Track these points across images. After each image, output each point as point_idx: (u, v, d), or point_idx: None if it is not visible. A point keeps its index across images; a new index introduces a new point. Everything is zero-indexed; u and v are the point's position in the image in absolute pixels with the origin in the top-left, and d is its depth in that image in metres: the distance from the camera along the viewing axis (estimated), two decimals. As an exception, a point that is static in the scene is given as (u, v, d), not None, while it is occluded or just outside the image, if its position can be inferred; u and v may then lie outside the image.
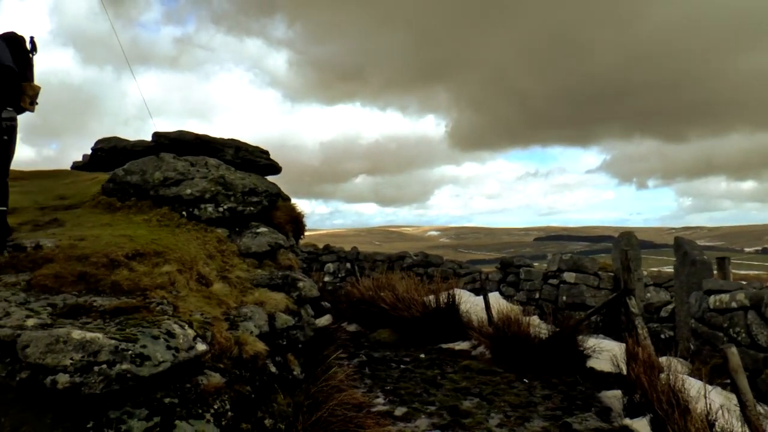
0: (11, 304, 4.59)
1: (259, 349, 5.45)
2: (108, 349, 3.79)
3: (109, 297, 5.19)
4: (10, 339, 3.88)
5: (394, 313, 12.80)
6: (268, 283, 7.30)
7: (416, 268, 24.37)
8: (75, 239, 6.39)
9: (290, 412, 5.43)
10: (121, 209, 8.73)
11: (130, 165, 9.63)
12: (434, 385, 8.97)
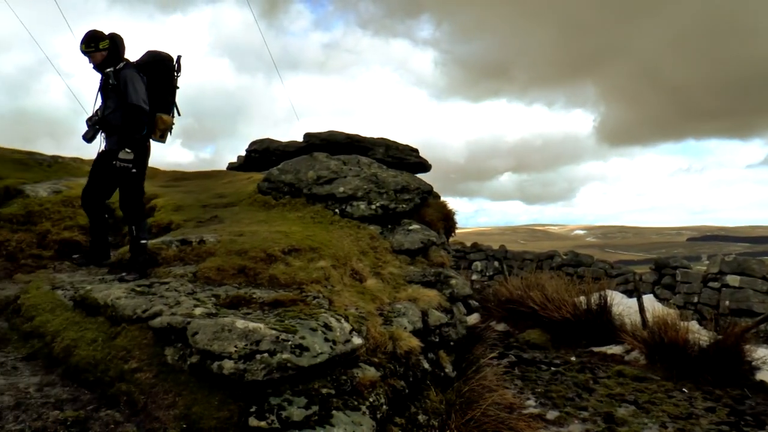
0: (181, 294, 5.24)
1: (413, 345, 5.66)
2: (269, 339, 4.17)
3: (267, 290, 5.69)
4: (181, 326, 4.43)
5: (544, 314, 12.81)
6: (420, 280, 7.61)
7: (565, 267, 24.38)
8: (234, 235, 7.09)
9: (443, 410, 5.58)
10: (276, 207, 9.51)
11: (284, 164, 10.48)
12: (586, 390, 8.92)
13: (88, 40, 5.86)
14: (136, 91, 5.94)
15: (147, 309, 4.84)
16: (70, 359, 4.61)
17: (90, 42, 5.86)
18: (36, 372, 4.64)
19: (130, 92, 5.90)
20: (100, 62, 5.97)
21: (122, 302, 5.03)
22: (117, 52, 6.03)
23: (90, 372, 4.39)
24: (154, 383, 4.12)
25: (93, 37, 5.87)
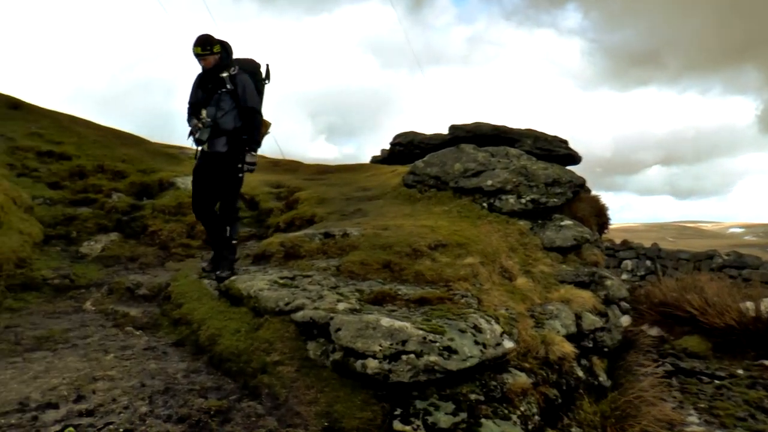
0: (324, 288, 5.38)
1: (567, 350, 5.52)
2: (416, 339, 4.15)
3: (412, 286, 5.69)
4: (324, 321, 4.54)
5: (703, 320, 11.84)
6: (573, 279, 7.47)
7: (727, 269, 22.54)
8: (378, 228, 7.18)
9: (597, 422, 5.33)
10: (421, 200, 9.55)
11: (429, 157, 10.53)
12: (762, 410, 8.03)
13: (204, 42, 6.15)
14: (253, 95, 6.35)
15: (289, 302, 5.02)
16: (215, 348, 4.89)
17: (206, 45, 6.15)
18: (183, 358, 4.99)
19: (248, 96, 6.28)
20: (211, 66, 6.24)
21: (265, 294, 5.26)
22: (228, 57, 6.36)
23: (233, 362, 4.63)
24: (295, 377, 4.25)
25: (207, 40, 6.16)
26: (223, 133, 6.29)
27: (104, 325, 5.91)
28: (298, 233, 7.28)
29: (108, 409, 3.88)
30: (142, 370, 4.61)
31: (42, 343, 5.32)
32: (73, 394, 4.10)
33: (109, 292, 6.82)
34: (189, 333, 5.40)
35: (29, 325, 5.78)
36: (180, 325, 5.64)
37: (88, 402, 3.98)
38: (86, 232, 8.82)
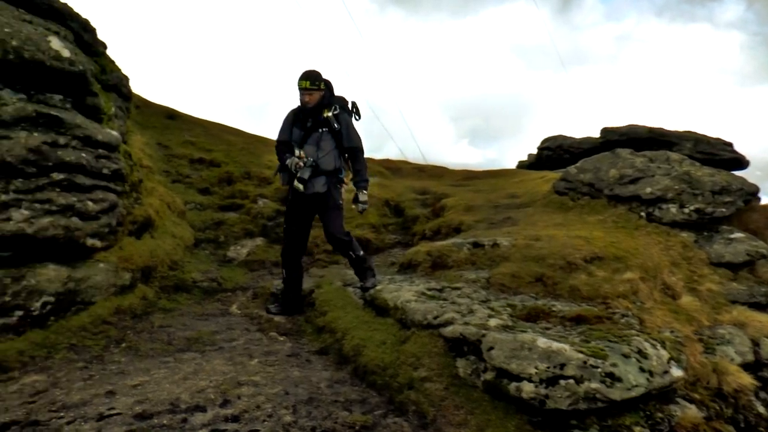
0: (473, 302, 5.21)
1: (744, 381, 5.04)
2: (575, 363, 3.87)
3: (567, 302, 5.38)
4: (475, 338, 4.37)
5: None
6: (747, 300, 6.95)
7: None
8: (529, 239, 6.90)
9: None
10: (574, 208, 9.13)
11: (582, 162, 10.07)
12: None
13: (312, 77, 6.14)
14: (356, 134, 6.35)
15: (438, 315, 4.90)
16: (359, 359, 4.86)
17: (314, 80, 6.13)
18: (327, 367, 5.00)
19: (352, 135, 6.29)
20: (315, 103, 6.18)
21: (412, 306, 5.17)
22: (331, 96, 6.35)
23: (378, 375, 4.56)
24: (444, 396, 4.11)
25: (316, 76, 6.16)
26: (323, 173, 6.22)
27: (249, 329, 6.10)
28: (446, 242, 7.17)
29: (252, 416, 3.93)
30: (285, 378, 4.66)
31: (191, 344, 5.56)
32: (220, 398, 4.19)
33: (254, 296, 7.06)
34: (333, 341, 5.43)
35: (180, 326, 6.08)
36: (324, 333, 5.69)
37: (234, 407, 4.05)
38: (233, 236, 9.24)
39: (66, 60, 5.74)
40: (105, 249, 6.25)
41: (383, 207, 10.81)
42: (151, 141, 12.12)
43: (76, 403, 4.10)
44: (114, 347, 5.43)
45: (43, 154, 5.54)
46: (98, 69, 6.74)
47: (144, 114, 14.28)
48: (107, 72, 7.08)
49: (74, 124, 5.91)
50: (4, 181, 5.33)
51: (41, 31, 5.70)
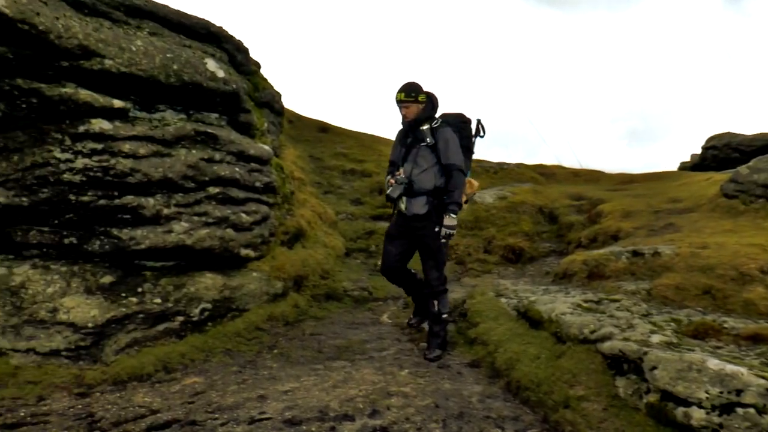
0: (633, 316, 4.86)
1: None
2: (755, 390, 3.46)
3: (741, 318, 4.88)
4: (636, 356, 4.05)
5: None
6: None
7: None
8: (695, 247, 6.36)
9: None
10: (745, 213, 8.33)
11: (756, 162, 9.19)
12: None
13: (409, 89, 5.68)
14: (456, 152, 5.68)
15: (595, 329, 4.61)
16: (512, 373, 4.68)
17: (411, 91, 5.67)
18: (479, 380, 4.87)
19: (450, 152, 5.63)
20: (413, 117, 5.73)
21: (567, 319, 4.92)
22: (433, 109, 5.80)
23: (532, 391, 4.36)
24: (602, 417, 3.84)
25: (413, 87, 5.70)
26: (422, 192, 5.72)
27: (400, 339, 6.09)
28: (602, 250, 6.79)
29: (401, 429, 3.88)
30: (436, 390, 4.59)
31: (342, 353, 5.65)
32: (369, 408, 4.19)
33: (405, 305, 7.06)
34: (485, 354, 5.29)
35: (331, 334, 6.20)
36: (476, 345, 5.56)
37: (383, 418, 4.03)
38: (382, 245, 9.33)
39: (221, 80, 6.07)
40: (258, 259, 6.53)
41: (537, 214, 10.48)
42: (303, 154, 12.58)
43: (230, 406, 4.28)
44: (266, 353, 5.64)
45: (200, 170, 5.89)
46: (251, 87, 7.08)
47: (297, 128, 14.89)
48: (260, 89, 7.41)
49: (229, 140, 6.24)
50: (166, 196, 5.72)
51: (199, 54, 6.09)
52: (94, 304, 5.21)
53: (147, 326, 5.42)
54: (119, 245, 5.45)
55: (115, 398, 4.57)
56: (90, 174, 5.24)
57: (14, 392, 4.62)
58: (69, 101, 5.11)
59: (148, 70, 5.44)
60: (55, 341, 5.06)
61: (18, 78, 4.93)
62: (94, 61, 5.14)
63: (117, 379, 4.92)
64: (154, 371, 5.08)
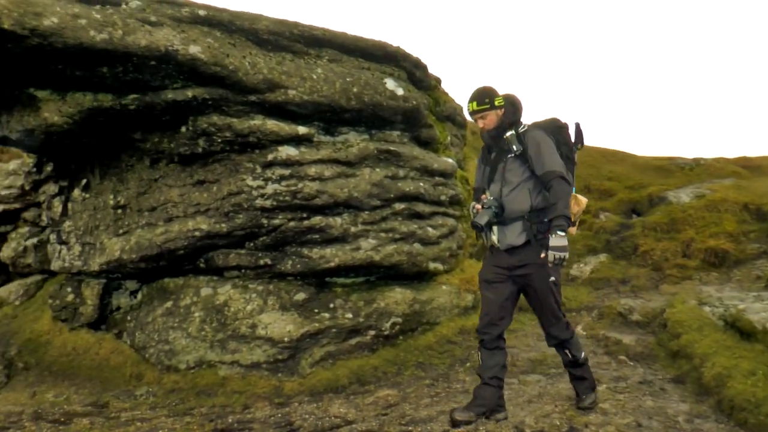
0: None
1: None
2: None
3: None
4: None
5: None
6: None
7: None
8: None
9: None
10: None
11: None
12: None
13: (481, 96, 4.57)
14: (553, 156, 4.41)
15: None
16: (723, 391, 4.19)
17: (484, 98, 4.55)
18: (684, 398, 4.44)
19: (545, 158, 4.38)
20: (494, 126, 4.59)
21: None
22: (515, 113, 4.64)
23: (749, 412, 3.86)
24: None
25: (487, 92, 4.59)
26: (516, 217, 4.44)
27: (595, 351, 5.75)
28: None
29: (601, 449, 3.64)
30: (637, 407, 4.25)
31: (536, 366, 5.45)
32: (566, 425, 3.99)
33: (600, 316, 6.66)
34: (689, 369, 4.79)
35: (524, 347, 6.01)
36: (679, 359, 5.07)
37: (580, 436, 3.81)
38: (575, 253, 8.91)
39: (400, 98, 6.19)
40: (447, 272, 6.56)
41: (741, 212, 9.39)
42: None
43: (423, 419, 4.29)
44: (459, 366, 5.60)
45: (384, 187, 6.03)
46: (432, 102, 7.14)
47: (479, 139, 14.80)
48: (441, 104, 7.45)
49: (411, 156, 6.32)
50: (353, 215, 5.93)
51: (377, 75, 6.25)
52: (289, 319, 5.54)
53: (340, 340, 5.65)
54: (310, 264, 5.77)
55: (312, 408, 4.79)
56: (280, 198, 5.60)
57: (223, 401, 5.04)
58: (258, 132, 5.51)
59: (329, 96, 5.68)
60: (255, 354, 5.47)
61: (213, 115, 5.40)
62: (278, 92, 5.49)
63: (313, 390, 5.16)
64: (348, 383, 5.26)
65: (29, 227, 8.18)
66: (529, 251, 4.35)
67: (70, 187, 6.80)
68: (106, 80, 5.11)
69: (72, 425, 4.72)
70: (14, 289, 7.79)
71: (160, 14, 5.12)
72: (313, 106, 5.71)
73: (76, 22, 4.70)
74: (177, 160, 5.77)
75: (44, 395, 5.46)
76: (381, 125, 6.29)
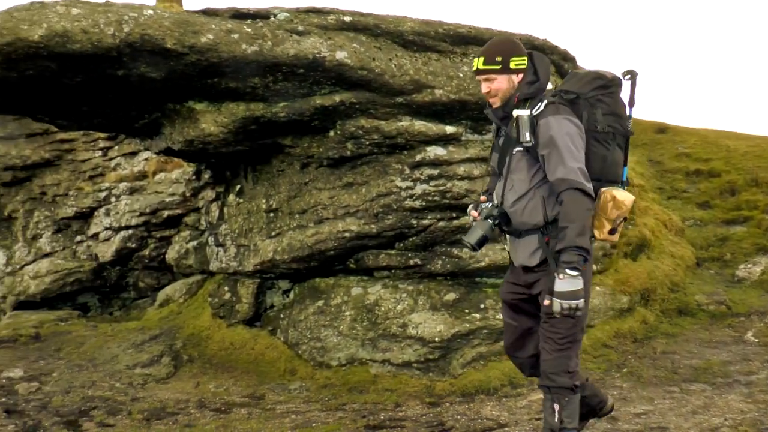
0: None
1: None
2: None
3: None
4: None
5: None
6: None
7: None
8: None
9: None
10: None
11: None
12: None
13: (492, 52, 3.35)
14: (572, 154, 3.16)
15: None
16: None
17: (494, 54, 3.32)
18: None
19: (555, 161, 3.17)
20: (503, 97, 3.36)
21: None
22: (536, 83, 3.35)
23: None
24: None
25: (502, 47, 3.38)
26: (528, 229, 3.36)
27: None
28: None
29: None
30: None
31: (699, 375, 5.18)
32: (738, 439, 3.74)
33: (774, 321, 6.15)
34: None
35: (686, 353, 5.72)
36: None
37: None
38: (742, 253, 8.28)
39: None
40: (600, 272, 6.36)
41: None
42: (641, 158, 11.89)
43: (579, 426, 4.16)
44: (615, 372, 5.42)
45: (534, 185, 5.97)
46: (582, 95, 6.93)
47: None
48: (590, 97, 7.21)
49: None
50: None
51: (525, 70, 6.14)
52: (440, 319, 5.59)
53: (491, 341, 5.64)
54: (460, 264, 5.80)
55: (463, 409, 4.82)
56: (428, 198, 5.68)
57: (374, 398, 5.19)
58: (405, 133, 5.61)
59: (477, 93, 5.66)
60: (406, 354, 5.57)
61: (361, 119, 5.57)
62: (425, 92, 5.55)
63: (464, 391, 5.18)
64: (500, 386, 5.24)
65: (190, 231, 8.81)
66: (545, 275, 3.26)
67: (225, 192, 7.26)
68: (257, 90, 5.42)
69: (232, 414, 5.07)
70: (178, 288, 8.43)
71: (307, 23, 5.34)
72: (460, 105, 5.73)
73: (229, 37, 5.04)
74: (326, 163, 5.99)
75: (206, 385, 5.86)
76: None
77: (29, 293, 9.33)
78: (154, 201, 9.05)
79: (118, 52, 4.83)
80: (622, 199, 3.22)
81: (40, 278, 9.32)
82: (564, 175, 3.11)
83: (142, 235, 9.12)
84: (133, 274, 9.43)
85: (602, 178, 3.26)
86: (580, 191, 3.07)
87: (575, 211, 3.08)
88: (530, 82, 3.30)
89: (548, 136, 3.16)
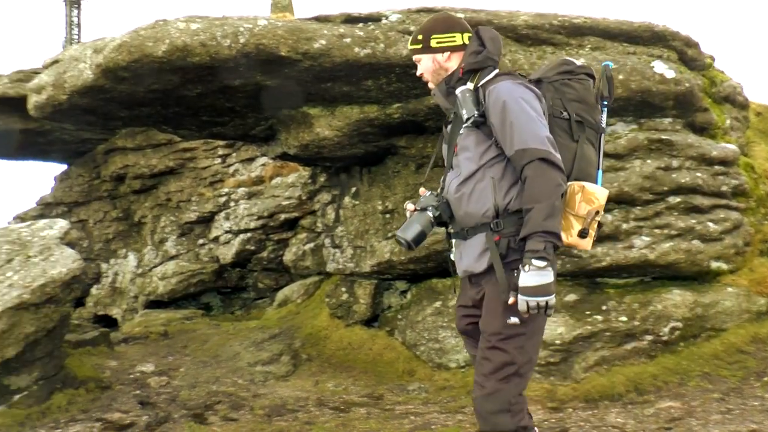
0: None
1: None
2: None
3: None
4: None
5: None
6: None
7: None
8: None
9: None
10: None
11: None
12: None
13: (421, 31, 3.00)
14: (530, 125, 2.63)
15: None
16: None
17: (417, 34, 3.00)
18: None
19: (516, 129, 2.63)
20: (433, 77, 2.98)
21: None
22: (480, 56, 2.85)
23: None
24: None
25: (425, 25, 3.02)
26: (474, 227, 2.78)
27: None
28: None
29: None
30: None
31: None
32: None
33: None
34: None
35: None
36: None
37: None
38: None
39: (671, 81, 5.78)
40: (732, 272, 5.98)
41: None
42: (776, 148, 11.10)
43: (716, 437, 3.95)
44: (754, 380, 5.09)
45: (657, 180, 5.71)
46: (707, 83, 6.56)
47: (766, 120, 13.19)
48: (717, 84, 6.80)
49: (685, 144, 5.93)
50: (624, 211, 5.68)
51: (644, 59, 5.92)
52: (560, 321, 5.44)
53: (614, 345, 5.44)
54: (580, 263, 5.63)
55: (587, 416, 4.67)
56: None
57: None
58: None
59: (596, 85, 5.50)
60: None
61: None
62: (541, 86, 5.43)
63: (588, 396, 5.02)
64: (625, 392, 5.04)
65: (306, 233, 9.07)
66: (492, 283, 2.70)
67: (341, 195, 7.41)
68: (370, 92, 5.51)
69: (351, 413, 5.15)
70: (296, 289, 8.68)
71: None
72: (578, 99, 5.58)
73: (341, 41, 5.17)
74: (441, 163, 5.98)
75: (325, 384, 6.00)
76: (650, 113, 5.93)
77: (158, 293, 9.95)
78: (272, 205, 9.40)
79: (234, 63, 5.08)
80: (593, 191, 2.69)
81: (167, 279, 9.91)
82: (524, 145, 2.58)
83: (261, 237, 9.50)
84: (252, 275, 9.86)
85: (570, 176, 2.72)
86: (546, 162, 2.55)
87: (542, 188, 2.54)
88: (475, 52, 2.85)
89: (501, 102, 2.66)
